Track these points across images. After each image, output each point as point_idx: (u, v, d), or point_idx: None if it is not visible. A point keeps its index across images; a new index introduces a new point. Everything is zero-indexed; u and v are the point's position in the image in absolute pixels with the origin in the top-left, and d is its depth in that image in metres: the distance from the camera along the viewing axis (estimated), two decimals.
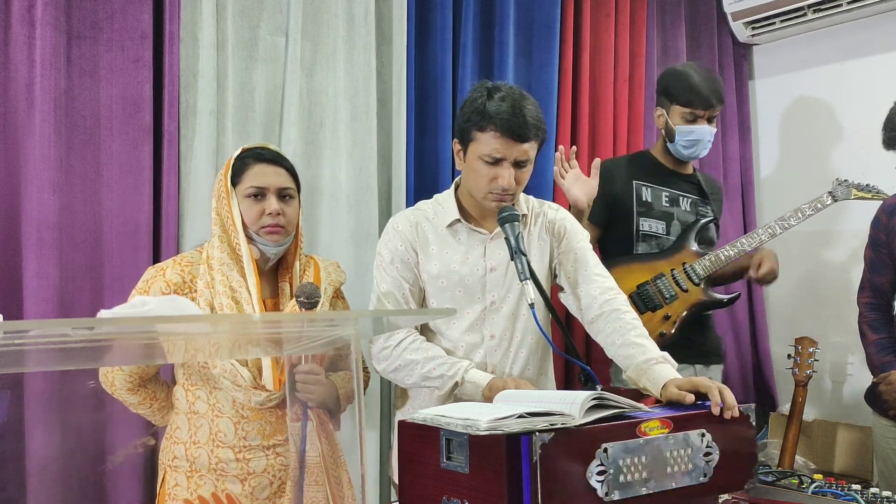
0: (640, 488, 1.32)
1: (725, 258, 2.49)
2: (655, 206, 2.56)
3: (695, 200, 2.62)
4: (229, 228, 1.74)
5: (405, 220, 1.91)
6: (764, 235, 2.55)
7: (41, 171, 1.99)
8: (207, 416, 1.73)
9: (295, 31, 2.37)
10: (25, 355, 1.18)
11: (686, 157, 2.55)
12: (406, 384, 1.88)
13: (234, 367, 1.67)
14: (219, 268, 1.71)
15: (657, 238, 2.54)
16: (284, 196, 1.76)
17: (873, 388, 2.43)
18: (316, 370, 1.65)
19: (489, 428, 1.23)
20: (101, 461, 2.07)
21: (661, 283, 2.45)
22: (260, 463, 1.73)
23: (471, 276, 1.86)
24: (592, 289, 1.88)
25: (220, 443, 1.72)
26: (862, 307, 2.52)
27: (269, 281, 1.81)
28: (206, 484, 1.71)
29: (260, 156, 1.77)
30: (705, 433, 1.42)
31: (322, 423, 1.68)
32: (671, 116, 2.51)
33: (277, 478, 1.75)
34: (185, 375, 1.76)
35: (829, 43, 3.40)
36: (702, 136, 2.49)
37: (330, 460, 1.67)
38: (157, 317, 1.19)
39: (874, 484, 2.42)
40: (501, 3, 2.83)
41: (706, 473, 1.41)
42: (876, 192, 2.70)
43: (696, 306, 2.49)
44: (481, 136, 1.77)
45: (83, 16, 2.09)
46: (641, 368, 1.72)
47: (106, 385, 1.78)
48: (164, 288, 1.70)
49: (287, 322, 1.42)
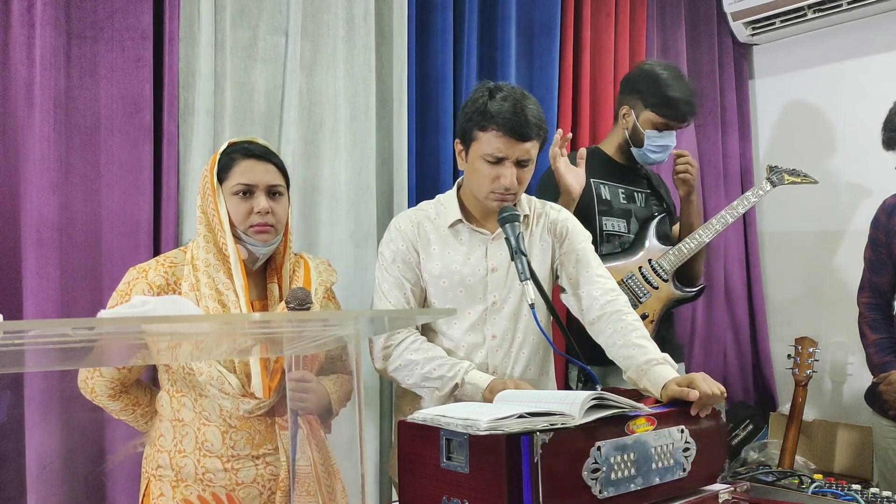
0: (630, 485, 1.34)
1: (688, 251, 2.48)
2: (614, 205, 2.52)
3: (647, 195, 2.60)
4: (215, 227, 1.66)
5: (407, 221, 1.91)
6: (718, 225, 2.56)
7: (41, 171, 1.99)
8: (193, 424, 1.66)
9: (295, 31, 2.37)
10: (25, 355, 1.18)
11: (651, 161, 2.52)
12: (406, 384, 1.88)
13: (222, 374, 1.60)
14: (204, 269, 1.64)
15: (619, 237, 2.50)
16: (274, 193, 1.68)
17: (873, 388, 2.43)
18: (308, 377, 1.60)
19: (489, 428, 1.23)
20: (101, 461, 2.07)
21: (633, 283, 2.43)
22: (249, 473, 1.67)
23: (472, 276, 1.86)
24: (594, 290, 1.88)
25: (208, 452, 1.65)
26: (862, 307, 2.52)
27: (256, 282, 1.74)
28: (192, 494, 1.64)
29: (248, 151, 1.68)
30: (684, 429, 1.45)
31: (313, 430, 1.63)
32: (640, 120, 2.45)
33: (267, 488, 1.69)
34: (171, 381, 1.69)
35: (829, 43, 3.41)
36: (671, 143, 2.47)
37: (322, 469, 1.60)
38: (157, 317, 1.19)
39: (874, 484, 2.42)
40: (502, 4, 2.83)
41: (685, 468, 1.44)
42: (804, 176, 2.76)
43: (669, 302, 2.49)
44: (483, 136, 1.78)
45: (83, 15, 2.09)
46: (642, 369, 1.72)
47: (86, 392, 1.72)
48: (147, 290, 1.63)
49: (287, 322, 1.41)
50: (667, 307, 2.49)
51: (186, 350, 1.53)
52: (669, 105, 2.41)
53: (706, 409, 1.51)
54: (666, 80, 2.44)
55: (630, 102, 2.49)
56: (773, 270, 3.66)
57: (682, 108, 2.43)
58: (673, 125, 2.45)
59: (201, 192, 1.71)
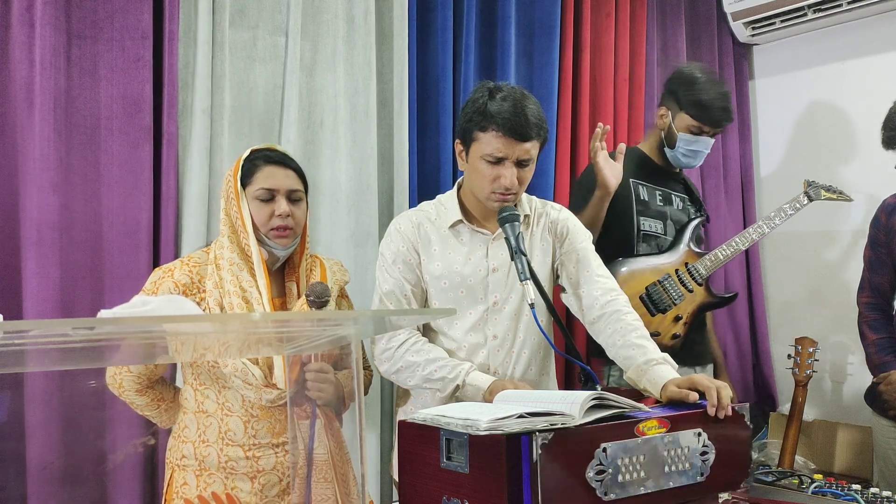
0: (639, 488, 1.32)
1: (724, 257, 2.51)
2: (651, 206, 2.53)
3: (684, 199, 2.62)
4: (239, 229, 1.75)
5: (407, 221, 1.91)
6: (755, 234, 2.59)
7: (41, 171, 1.99)
8: (217, 415, 1.74)
9: (294, 30, 2.37)
10: (25, 355, 1.18)
11: (682, 164, 2.55)
12: (408, 385, 1.88)
13: (246, 365, 1.68)
14: (228, 268, 1.72)
15: (656, 238, 2.53)
16: (293, 198, 1.77)
17: (873, 388, 2.43)
18: (326, 368, 1.67)
19: (489, 428, 1.23)
20: (102, 461, 2.07)
21: (668, 284, 2.43)
22: (269, 461, 1.74)
23: (473, 276, 1.86)
24: (594, 290, 1.88)
25: (230, 441, 1.73)
26: (862, 307, 2.52)
27: (276, 281, 1.82)
28: (215, 482, 1.72)
29: (269, 158, 1.78)
30: (701, 432, 1.42)
31: (329, 420, 1.70)
32: (675, 121, 2.47)
33: (286, 475, 1.76)
34: (194, 375, 1.77)
35: (829, 43, 3.41)
36: (704, 147, 2.49)
37: (337, 457, 1.68)
38: (157, 317, 1.19)
39: (874, 484, 2.42)
40: (502, 3, 2.83)
41: (703, 472, 1.41)
42: (840, 193, 2.77)
43: (703, 306, 2.50)
44: (483, 136, 1.77)
45: (83, 15, 2.09)
46: (642, 369, 1.72)
47: (114, 387, 1.79)
48: (173, 289, 1.71)
49: (287, 321, 1.41)
50: (699, 311, 2.49)
51: (188, 349, 1.54)
52: (704, 108, 2.42)
53: (723, 409, 1.46)
54: (702, 83, 2.44)
55: (666, 103, 2.52)
56: (773, 270, 3.66)
57: (717, 114, 2.43)
58: (707, 130, 2.45)
59: (224, 195, 1.78)
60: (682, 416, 1.42)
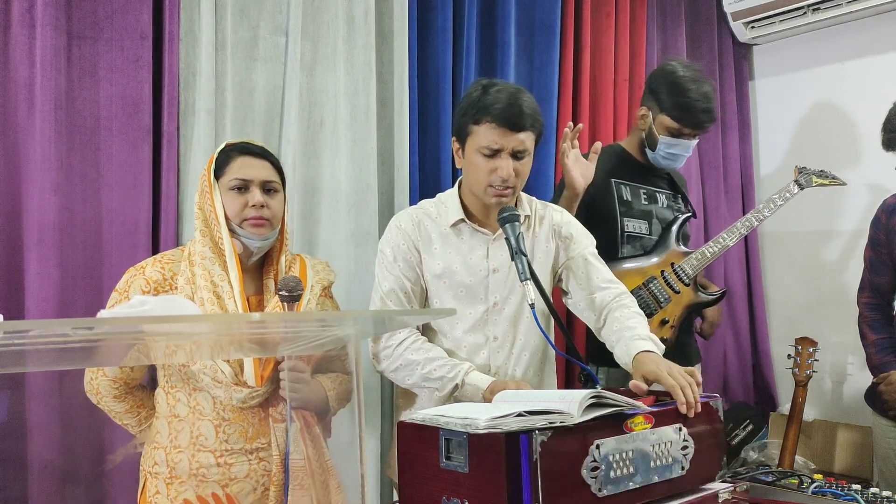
0: (629, 483, 1.34)
1: (711, 255, 2.44)
2: (635, 205, 2.45)
3: (669, 195, 2.55)
4: (212, 222, 1.70)
5: (408, 219, 1.91)
6: (742, 228, 2.53)
7: (41, 172, 1.99)
8: (188, 419, 1.68)
9: (295, 30, 2.37)
10: (25, 355, 1.18)
11: (662, 166, 2.46)
12: (406, 384, 1.88)
13: (215, 362, 1.63)
14: (200, 262, 1.67)
15: (640, 239, 2.44)
16: (269, 189, 1.73)
17: (873, 388, 2.43)
18: (300, 367, 1.63)
19: (488, 427, 1.23)
20: (101, 461, 2.07)
21: (654, 287, 2.37)
22: (242, 468, 1.67)
23: (473, 276, 1.86)
24: (606, 296, 1.89)
25: (201, 447, 1.66)
26: (862, 307, 2.52)
27: (253, 277, 1.77)
28: (186, 491, 1.64)
29: (244, 149, 1.74)
30: (682, 427, 1.46)
31: (308, 425, 1.64)
32: (656, 123, 2.38)
33: (261, 483, 1.69)
34: (166, 377, 1.71)
35: (829, 43, 3.41)
36: (684, 150, 2.40)
37: (315, 464, 1.62)
38: (156, 317, 1.19)
39: (874, 484, 2.42)
40: (502, 3, 2.83)
41: (683, 466, 1.44)
42: (833, 178, 2.72)
43: (690, 307, 2.45)
44: (478, 129, 1.77)
45: (83, 16, 2.09)
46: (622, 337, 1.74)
47: (91, 394, 1.74)
48: (145, 286, 1.67)
49: (287, 321, 1.41)
50: (687, 312, 2.44)
51: (186, 349, 1.54)
52: (684, 109, 2.31)
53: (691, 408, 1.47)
54: (684, 82, 2.33)
55: (647, 103, 2.43)
56: (773, 270, 3.66)
57: (698, 116, 2.32)
58: (688, 132, 2.35)
59: (199, 190, 1.75)
60: (664, 412, 1.45)
